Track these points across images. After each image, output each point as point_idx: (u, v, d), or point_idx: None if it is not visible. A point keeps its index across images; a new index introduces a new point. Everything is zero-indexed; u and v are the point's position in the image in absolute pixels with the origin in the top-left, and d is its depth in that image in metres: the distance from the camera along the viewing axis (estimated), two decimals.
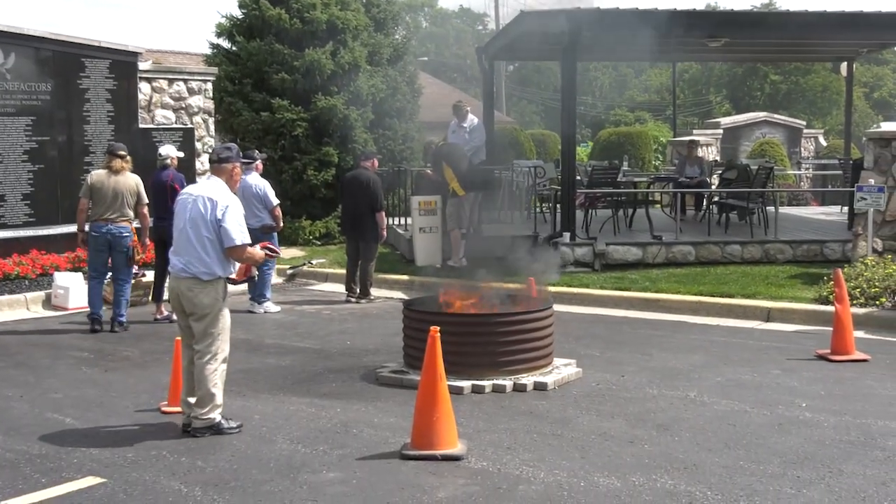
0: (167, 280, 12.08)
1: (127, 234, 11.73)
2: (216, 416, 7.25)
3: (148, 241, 12.22)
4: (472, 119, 16.92)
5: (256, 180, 12.81)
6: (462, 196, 14.85)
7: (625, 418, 7.58)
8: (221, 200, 7.27)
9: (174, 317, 11.91)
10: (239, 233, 7.26)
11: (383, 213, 13.80)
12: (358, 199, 13.61)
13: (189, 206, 7.33)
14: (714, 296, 12.53)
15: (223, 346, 7.36)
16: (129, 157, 11.98)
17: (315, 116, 19.31)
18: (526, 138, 27.77)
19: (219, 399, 7.27)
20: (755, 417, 7.58)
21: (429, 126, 23.72)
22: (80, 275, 13.05)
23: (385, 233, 13.95)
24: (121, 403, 8.23)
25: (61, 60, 14.99)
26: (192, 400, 7.31)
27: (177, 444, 6.98)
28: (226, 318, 7.39)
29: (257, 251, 7.51)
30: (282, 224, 13.37)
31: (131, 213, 11.77)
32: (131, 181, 11.83)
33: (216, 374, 7.27)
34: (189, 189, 7.62)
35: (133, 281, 13.26)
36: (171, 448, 6.92)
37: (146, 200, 11.93)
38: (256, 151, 13.53)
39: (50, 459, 6.70)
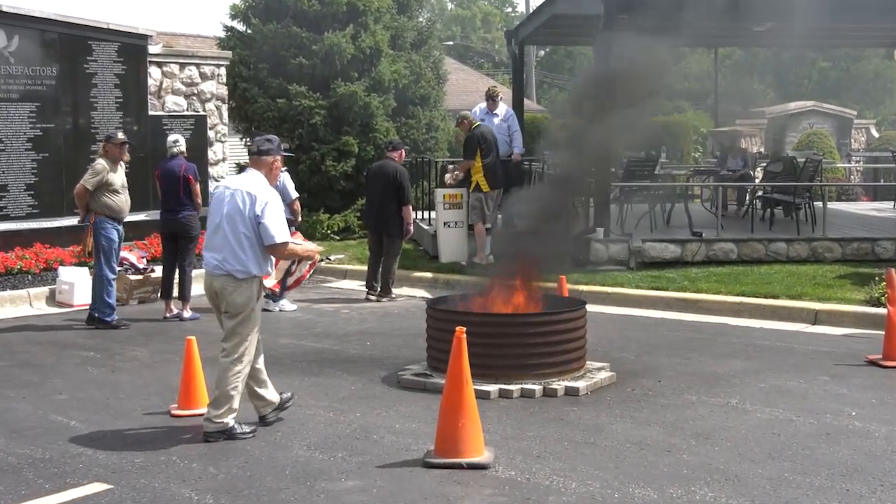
0: (169, 274, 12.31)
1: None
2: (230, 420, 7.28)
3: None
4: (504, 108, 16.88)
5: None
6: (486, 191, 14.85)
7: (662, 426, 7.56)
8: (261, 196, 7.30)
9: (185, 314, 12.13)
10: (279, 230, 7.31)
11: (410, 208, 13.82)
12: (383, 192, 13.63)
13: (226, 200, 7.37)
14: (757, 297, 12.48)
15: (249, 348, 7.41)
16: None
17: (334, 104, 19.35)
18: (557, 127, 27.68)
19: (236, 403, 7.30)
20: (801, 426, 7.54)
21: (454, 114, 23.70)
22: (85, 269, 13.13)
23: (412, 228, 13.97)
24: (129, 406, 8.27)
25: (67, 43, 15.10)
26: (259, 391, 7.51)
27: (187, 450, 7.02)
28: (256, 319, 7.46)
29: (298, 247, 7.67)
30: (300, 218, 13.42)
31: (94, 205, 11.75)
32: None
33: (238, 377, 7.31)
34: (226, 182, 7.67)
35: (142, 277, 13.37)
36: (182, 453, 6.95)
37: None
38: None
39: (54, 464, 6.75)
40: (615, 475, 6.45)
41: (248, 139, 20.94)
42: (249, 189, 7.34)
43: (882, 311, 10.52)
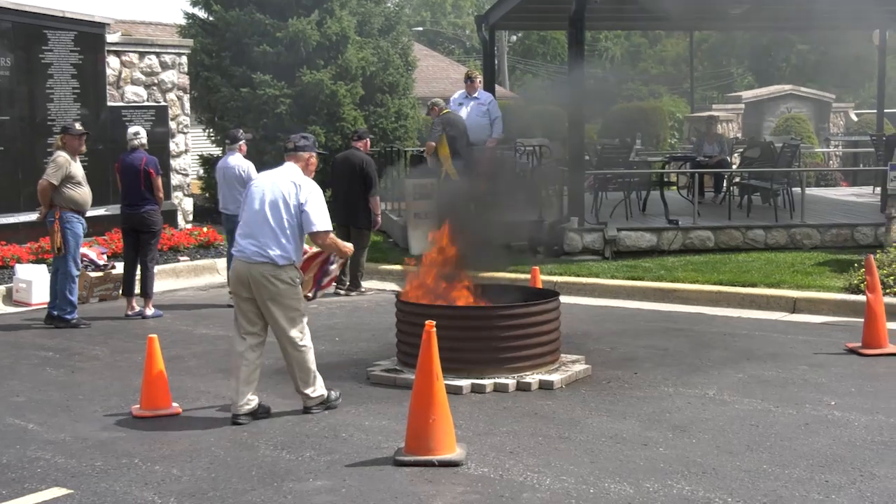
0: (130, 271, 12.24)
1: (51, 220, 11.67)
2: (323, 390, 7.91)
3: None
4: (486, 94, 16.84)
5: (239, 161, 12.79)
6: (455, 180, 14.81)
7: (638, 419, 7.59)
8: (305, 184, 7.70)
9: (147, 312, 12.06)
10: (322, 218, 7.67)
11: (378, 198, 13.79)
12: (350, 183, 13.60)
13: (267, 188, 7.69)
14: (735, 285, 12.54)
15: (304, 326, 7.84)
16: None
17: (300, 92, 19.30)
18: (530, 114, 27.71)
19: (319, 377, 7.90)
20: (780, 417, 7.59)
21: (424, 102, 23.69)
22: (43, 267, 13.05)
23: (380, 219, 13.95)
24: (89, 407, 8.22)
25: (21, 32, 14.97)
26: (247, 391, 7.67)
27: (150, 452, 6.99)
28: (301, 299, 7.84)
29: (340, 241, 7.99)
30: None
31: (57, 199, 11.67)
32: None
33: (310, 353, 7.82)
34: (264, 174, 8.01)
35: (102, 273, 13.29)
36: (144, 455, 6.92)
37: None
38: (241, 131, 13.51)
39: (11, 469, 6.70)
40: (590, 470, 6.47)
41: (211, 130, 20.88)
42: (293, 178, 7.71)
43: (861, 298, 10.59)
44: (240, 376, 7.69)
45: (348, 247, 8.18)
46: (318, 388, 7.88)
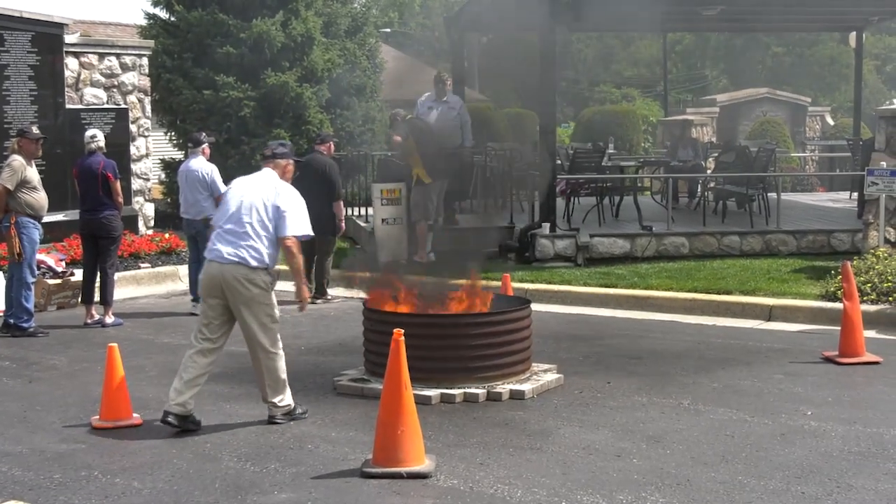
0: (89, 278, 12.18)
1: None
2: (290, 400, 7.92)
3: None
4: (455, 98, 16.85)
5: (202, 164, 12.76)
6: (428, 183, 14.82)
7: (611, 429, 7.62)
8: (284, 190, 7.87)
9: (107, 320, 12.00)
10: (297, 223, 7.80)
11: (342, 203, 13.79)
12: (313, 188, 13.47)
13: (246, 191, 7.87)
14: (710, 293, 12.61)
15: (276, 332, 7.94)
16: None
17: (264, 95, 19.27)
18: (501, 118, 27.80)
19: (286, 383, 7.91)
20: (755, 427, 7.64)
21: (392, 105, 23.69)
22: (0, 274, 12.95)
23: (344, 225, 13.94)
24: (47, 418, 8.18)
25: None
26: (188, 393, 7.66)
27: (110, 464, 6.96)
28: (275, 306, 7.93)
29: (301, 268, 8.02)
30: None
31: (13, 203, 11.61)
32: None
33: (280, 360, 7.87)
34: (243, 178, 8.18)
35: (60, 280, 13.21)
36: (104, 468, 6.89)
37: None
38: (203, 134, 13.48)
39: None
40: (562, 482, 6.49)
41: (172, 133, 20.81)
42: (272, 182, 7.90)
43: (838, 305, 10.67)
44: (184, 376, 7.73)
45: (305, 291, 8.17)
46: (286, 398, 7.90)
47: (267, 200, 7.78)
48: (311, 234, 8.03)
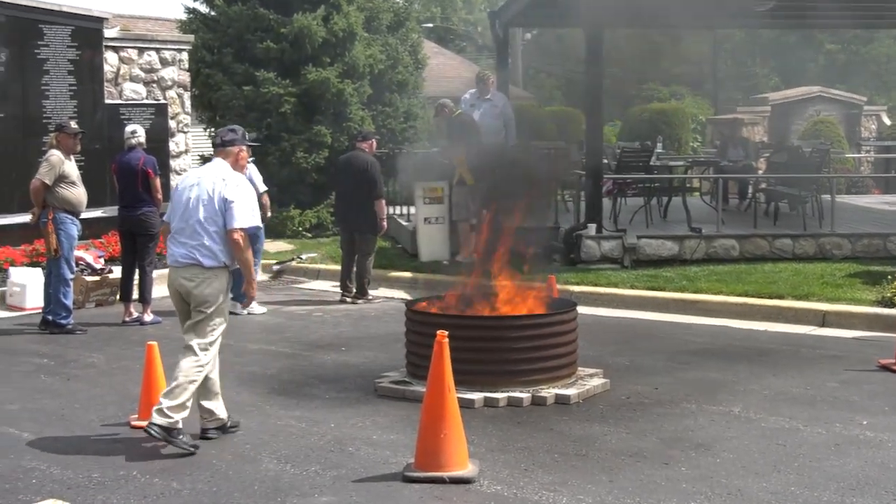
0: (128, 275, 12.27)
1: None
2: (180, 418, 7.27)
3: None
4: (500, 95, 16.85)
5: None
6: (470, 184, 14.83)
7: (659, 436, 7.59)
8: (230, 179, 7.55)
9: (145, 318, 12.10)
10: (244, 214, 7.47)
11: (383, 202, 13.81)
12: (354, 186, 13.62)
13: (193, 186, 7.56)
14: (761, 297, 12.53)
15: (216, 344, 7.54)
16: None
17: (305, 91, 19.33)
18: (546, 116, 27.77)
19: (189, 400, 7.34)
20: (808, 436, 7.58)
21: (433, 102, 23.74)
22: (38, 270, 13.08)
23: (385, 224, 13.96)
24: (85, 417, 8.26)
25: (16, 27, 15.02)
26: (209, 404, 7.54)
27: (148, 464, 7.01)
28: (226, 312, 7.64)
29: (252, 264, 7.65)
30: (269, 213, 13.41)
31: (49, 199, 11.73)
32: None
33: (200, 371, 7.37)
34: (190, 172, 7.91)
35: (99, 278, 13.33)
36: (143, 468, 6.95)
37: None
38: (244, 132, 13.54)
39: (5, 479, 6.73)
40: (609, 489, 6.47)
41: (212, 129, 20.92)
42: (219, 174, 7.57)
43: (894, 312, 10.58)
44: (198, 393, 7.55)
45: (254, 283, 7.82)
46: (178, 411, 7.26)
47: (213, 192, 7.46)
48: (260, 225, 7.75)
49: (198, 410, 7.61)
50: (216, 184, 7.50)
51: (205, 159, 20.70)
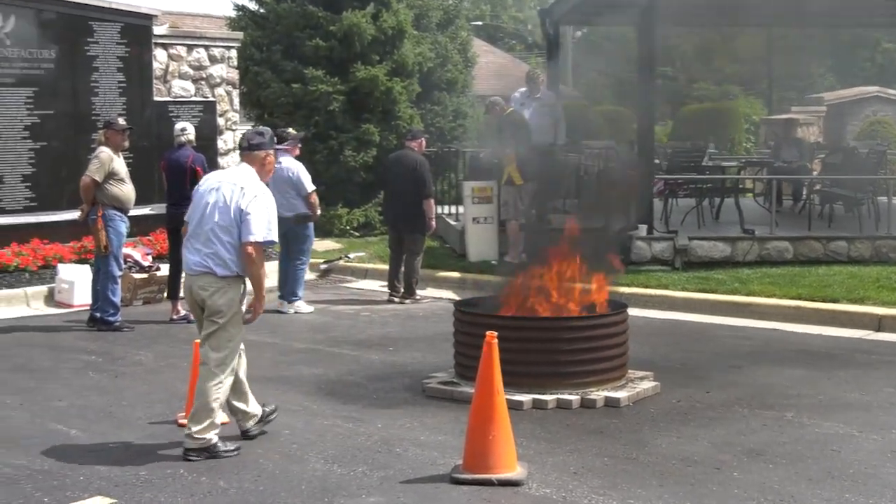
0: (175, 272, 12.36)
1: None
2: (213, 436, 7.20)
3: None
4: (550, 93, 16.83)
5: (290, 163, 12.90)
6: (519, 185, 14.81)
7: (710, 441, 7.55)
8: (250, 189, 7.28)
9: (192, 316, 12.16)
10: (261, 227, 7.22)
11: (432, 201, 13.81)
12: (403, 185, 13.64)
13: (211, 192, 7.36)
14: (815, 300, 12.43)
15: (232, 356, 7.35)
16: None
17: (353, 89, 19.39)
18: (596, 115, 27.69)
19: (217, 417, 7.24)
20: (864, 443, 7.51)
21: (483, 101, 23.74)
22: (86, 267, 13.21)
23: (434, 223, 13.97)
24: (132, 414, 8.33)
25: (67, 24, 15.19)
26: (237, 404, 7.46)
27: (195, 463, 7.05)
28: (241, 324, 7.42)
29: (264, 276, 7.40)
30: (319, 212, 13.45)
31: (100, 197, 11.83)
32: None
33: (220, 388, 7.25)
34: (212, 175, 7.68)
35: (147, 275, 13.44)
36: (190, 466, 6.99)
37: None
38: (292, 130, 13.59)
39: (53, 476, 6.80)
40: (659, 494, 6.45)
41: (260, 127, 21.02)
42: (237, 181, 7.33)
43: None
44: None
45: (262, 295, 7.39)
46: (207, 431, 7.16)
47: (230, 201, 7.23)
48: (276, 240, 7.48)
49: (233, 414, 7.59)
50: (234, 192, 7.26)
51: None
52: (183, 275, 7.75)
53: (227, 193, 7.28)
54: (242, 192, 7.26)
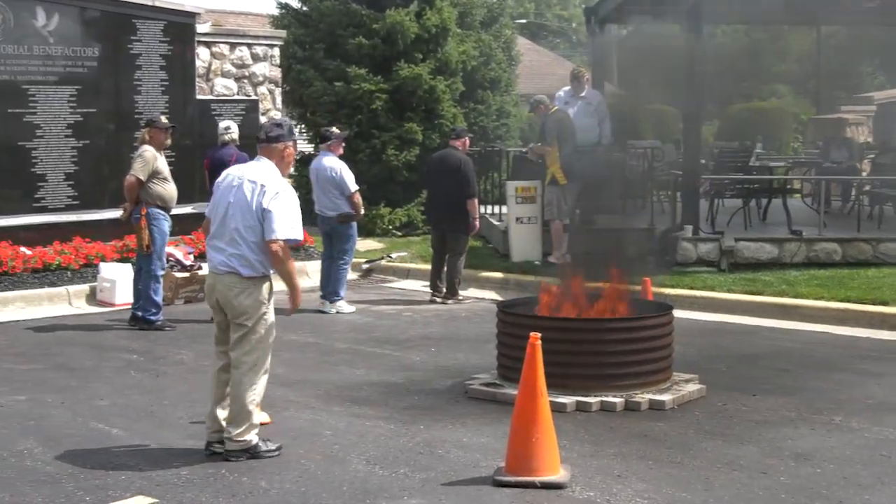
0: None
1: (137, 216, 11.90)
2: (253, 437, 7.19)
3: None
4: (595, 92, 16.79)
5: (333, 162, 12.92)
6: (562, 185, 14.76)
7: (757, 445, 7.50)
8: (271, 185, 7.18)
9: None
10: (284, 225, 7.13)
11: (476, 201, 13.80)
12: (446, 184, 13.64)
13: (233, 190, 7.26)
14: (864, 303, 12.32)
15: (264, 357, 7.32)
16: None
17: (396, 87, 19.43)
18: (641, 114, 27.55)
19: (255, 418, 7.23)
20: None
21: (527, 99, 23.72)
22: (128, 266, 13.30)
23: (478, 223, 13.96)
24: (174, 413, 8.38)
25: (110, 22, 15.32)
26: (222, 414, 7.29)
27: (237, 463, 7.08)
28: (270, 323, 7.37)
29: (293, 270, 7.37)
30: (362, 212, 13.47)
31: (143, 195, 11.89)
32: None
33: (255, 390, 7.21)
34: (233, 170, 7.51)
35: (188, 274, 13.53)
36: (231, 466, 7.02)
37: None
38: (335, 129, 13.61)
39: (95, 475, 6.85)
40: (704, 499, 6.41)
41: (302, 126, 21.12)
42: (257, 178, 7.22)
43: None
44: (213, 398, 7.37)
45: (295, 286, 7.36)
46: (246, 433, 7.14)
47: (251, 200, 7.12)
48: (300, 238, 7.35)
49: (208, 417, 7.40)
50: (255, 190, 7.13)
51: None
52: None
53: (247, 192, 7.16)
54: (263, 189, 7.15)
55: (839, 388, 9.12)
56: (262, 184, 7.17)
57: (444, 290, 13.76)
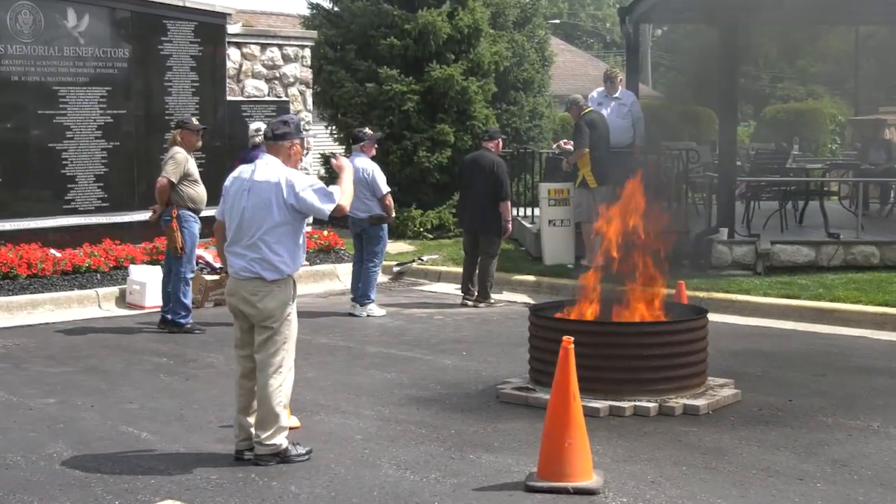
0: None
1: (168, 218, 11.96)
2: (282, 440, 7.20)
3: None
4: (628, 93, 16.76)
5: (365, 163, 12.93)
6: (592, 188, 14.71)
7: (793, 451, 7.47)
8: (285, 179, 7.16)
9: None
10: (323, 197, 7.16)
11: (508, 203, 13.80)
12: (479, 186, 13.63)
13: (247, 192, 7.22)
14: None
15: (289, 358, 7.33)
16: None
17: (428, 88, 19.45)
18: (676, 116, 27.49)
19: (284, 420, 7.24)
20: None
21: (560, 101, 23.69)
22: (158, 268, 13.37)
23: (510, 226, 13.95)
24: (204, 417, 8.42)
25: (140, 22, 15.39)
26: (250, 420, 7.31)
27: (267, 468, 7.10)
28: (294, 323, 7.37)
29: (348, 185, 7.38)
30: (394, 214, 13.48)
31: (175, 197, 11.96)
32: None
33: (281, 391, 7.22)
34: (241, 173, 7.44)
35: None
36: (261, 471, 7.05)
37: None
38: (368, 130, 13.63)
39: (124, 479, 6.89)
40: None
41: (333, 127, 21.18)
42: (271, 177, 7.18)
43: None
44: (238, 407, 7.38)
45: (346, 168, 7.40)
46: (275, 436, 7.16)
47: (274, 202, 7.12)
48: (337, 199, 7.20)
49: (236, 426, 7.43)
50: (277, 193, 7.13)
51: (325, 158, 21.02)
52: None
53: (264, 196, 7.15)
54: (280, 186, 7.14)
55: (877, 393, 9.07)
56: (278, 181, 7.16)
57: (476, 293, 13.76)
